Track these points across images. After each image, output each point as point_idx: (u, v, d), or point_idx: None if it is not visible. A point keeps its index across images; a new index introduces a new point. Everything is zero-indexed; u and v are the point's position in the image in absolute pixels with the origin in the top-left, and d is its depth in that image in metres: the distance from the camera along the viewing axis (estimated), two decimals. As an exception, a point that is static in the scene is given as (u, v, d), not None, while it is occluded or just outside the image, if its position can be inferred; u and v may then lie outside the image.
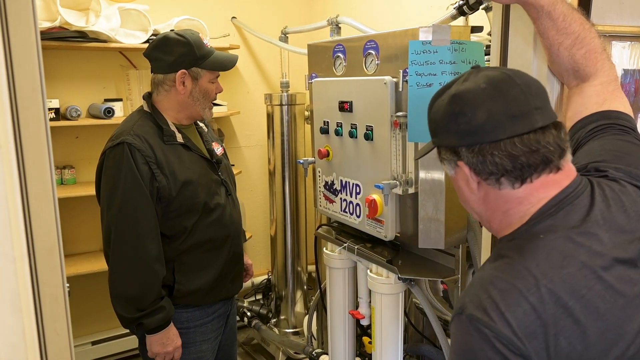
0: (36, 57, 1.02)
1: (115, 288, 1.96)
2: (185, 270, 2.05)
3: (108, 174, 1.96)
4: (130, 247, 1.92)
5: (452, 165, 1.12)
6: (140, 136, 1.95)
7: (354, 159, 2.01)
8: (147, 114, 2.06)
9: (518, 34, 1.43)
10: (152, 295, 1.94)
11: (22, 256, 0.97)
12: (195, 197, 2.02)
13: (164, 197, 1.96)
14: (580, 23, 1.26)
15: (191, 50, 2.01)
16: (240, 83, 3.92)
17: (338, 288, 2.29)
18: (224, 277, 2.15)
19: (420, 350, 2.36)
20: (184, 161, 2.03)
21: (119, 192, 1.91)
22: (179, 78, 2.01)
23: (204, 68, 2.04)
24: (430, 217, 1.81)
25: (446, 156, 1.12)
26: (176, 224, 2.01)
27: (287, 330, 3.62)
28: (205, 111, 2.10)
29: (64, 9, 2.90)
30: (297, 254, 3.60)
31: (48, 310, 1.03)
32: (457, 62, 1.68)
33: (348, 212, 2.10)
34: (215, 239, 2.10)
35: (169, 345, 2.01)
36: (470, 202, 1.16)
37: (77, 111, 3.14)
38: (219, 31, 3.67)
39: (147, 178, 1.92)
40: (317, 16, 3.84)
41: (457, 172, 1.13)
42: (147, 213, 1.93)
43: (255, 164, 4.05)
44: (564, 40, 1.26)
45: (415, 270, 1.93)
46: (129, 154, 1.91)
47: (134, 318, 1.94)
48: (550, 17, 1.25)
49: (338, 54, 2.09)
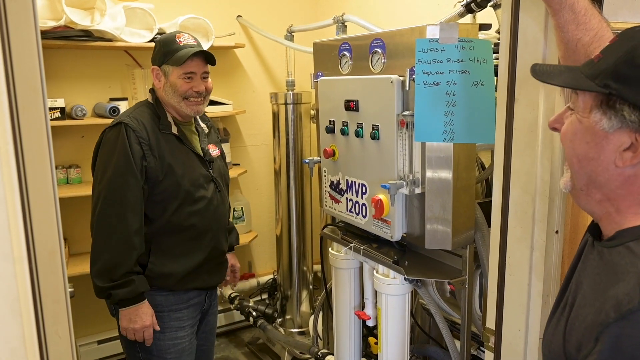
0: (36, 57, 1.01)
1: (94, 255, 2.07)
2: (160, 253, 2.15)
3: (104, 150, 2.10)
4: (114, 215, 2.04)
5: (624, 126, 0.91)
6: (137, 119, 2.10)
7: (360, 159, 1.99)
8: (149, 104, 2.21)
9: (527, 31, 1.40)
10: (125, 266, 2.03)
11: (22, 258, 0.96)
12: (179, 185, 2.12)
13: (150, 178, 2.08)
14: (599, 20, 1.22)
15: (159, 48, 2.17)
16: (246, 82, 3.91)
17: (344, 288, 2.27)
18: (199, 268, 2.22)
19: (426, 351, 2.34)
20: (174, 150, 2.15)
21: (111, 165, 2.04)
22: (153, 74, 2.19)
23: (168, 64, 2.14)
24: (437, 218, 1.79)
25: (629, 115, 0.90)
26: (159, 206, 2.12)
27: (292, 330, 3.60)
28: (181, 105, 2.17)
29: (69, 8, 2.90)
30: (303, 253, 3.59)
31: (49, 313, 1.03)
32: (464, 60, 1.65)
33: (354, 212, 2.08)
34: (195, 228, 2.19)
35: (137, 322, 2.08)
36: (602, 169, 0.95)
37: (83, 110, 3.14)
38: (225, 30, 3.65)
39: (138, 156, 2.05)
40: (323, 14, 3.82)
41: (619, 134, 0.92)
42: (133, 187, 2.04)
43: (261, 163, 4.03)
44: (582, 36, 1.22)
45: (421, 271, 1.91)
46: (124, 133, 2.04)
47: (105, 287, 2.03)
48: (573, 9, 1.21)
49: (344, 53, 2.07)
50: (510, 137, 1.47)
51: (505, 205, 1.52)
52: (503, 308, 1.56)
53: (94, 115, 3.32)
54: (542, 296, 1.46)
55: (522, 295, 1.50)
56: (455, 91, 1.67)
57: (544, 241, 1.44)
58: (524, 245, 1.48)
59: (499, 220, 1.55)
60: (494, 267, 1.58)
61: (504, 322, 1.56)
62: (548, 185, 1.41)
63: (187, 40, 2.17)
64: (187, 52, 2.12)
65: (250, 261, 4.09)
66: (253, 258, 4.11)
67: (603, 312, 0.89)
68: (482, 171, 2.08)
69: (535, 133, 1.40)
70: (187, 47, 2.14)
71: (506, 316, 1.56)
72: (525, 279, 1.49)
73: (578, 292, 1.03)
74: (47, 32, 2.90)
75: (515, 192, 1.49)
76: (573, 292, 1.05)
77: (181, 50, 2.13)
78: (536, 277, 1.47)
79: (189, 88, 2.15)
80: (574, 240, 1.44)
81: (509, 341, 1.55)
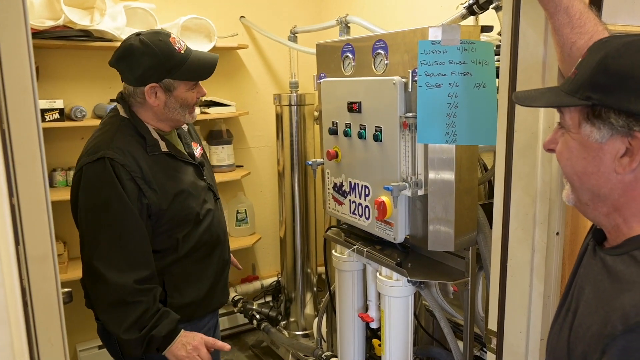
0: (27, 56, 0.96)
1: (114, 320, 1.77)
2: (176, 282, 1.91)
3: (88, 192, 1.77)
4: (123, 272, 1.74)
5: (615, 133, 0.92)
6: (122, 149, 1.77)
7: (362, 161, 1.99)
8: (125, 120, 1.87)
9: (528, 33, 1.40)
10: (152, 310, 1.78)
11: (10, 265, 0.92)
12: (187, 208, 1.89)
13: (154, 214, 1.80)
14: (594, 24, 1.23)
15: (159, 62, 1.80)
16: (249, 83, 3.91)
17: (347, 291, 2.27)
18: (214, 287, 2.02)
19: (430, 352, 2.34)
20: (171, 172, 1.88)
21: (102, 214, 1.74)
22: (148, 92, 1.83)
23: (178, 79, 1.84)
24: (439, 219, 1.79)
25: (616, 121, 0.91)
26: (167, 238, 1.87)
27: (297, 332, 3.60)
28: (185, 117, 1.91)
29: (67, 8, 2.86)
30: (307, 255, 3.58)
31: (42, 321, 0.98)
32: (466, 62, 1.65)
33: (357, 214, 2.08)
34: (206, 247, 1.97)
35: (191, 341, 1.81)
36: (604, 181, 0.96)
37: (82, 112, 3.08)
38: (228, 30, 3.65)
39: (135, 195, 1.75)
40: (327, 16, 3.83)
41: (612, 142, 0.93)
42: (137, 233, 1.76)
43: (264, 165, 4.03)
44: (577, 39, 1.23)
45: (424, 273, 1.91)
46: (111, 170, 1.72)
47: (141, 337, 1.75)
48: (568, 13, 1.22)
49: (347, 54, 2.07)
50: (511, 139, 1.47)
51: (507, 207, 1.52)
52: (505, 310, 1.56)
53: (94, 116, 3.26)
54: (543, 298, 1.46)
55: (523, 297, 1.50)
56: (457, 93, 1.67)
57: (545, 243, 1.44)
58: (525, 246, 1.48)
59: (500, 222, 1.55)
60: (496, 269, 1.58)
61: (505, 324, 1.56)
62: (549, 187, 1.41)
63: (182, 43, 1.87)
64: (203, 62, 1.87)
65: (254, 263, 4.08)
66: (257, 260, 4.11)
67: (609, 323, 0.88)
68: (484, 172, 2.08)
69: (536, 135, 1.40)
70: (190, 53, 1.87)
71: (508, 318, 1.56)
72: (526, 281, 1.49)
73: (581, 298, 1.03)
74: (45, 32, 2.86)
75: (516, 194, 1.49)
76: (576, 298, 1.05)
77: (188, 59, 1.84)
78: (537, 279, 1.47)
79: (199, 96, 1.93)
80: (574, 242, 1.44)
81: (510, 343, 1.55)
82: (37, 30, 2.84)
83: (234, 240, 3.72)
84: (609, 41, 0.96)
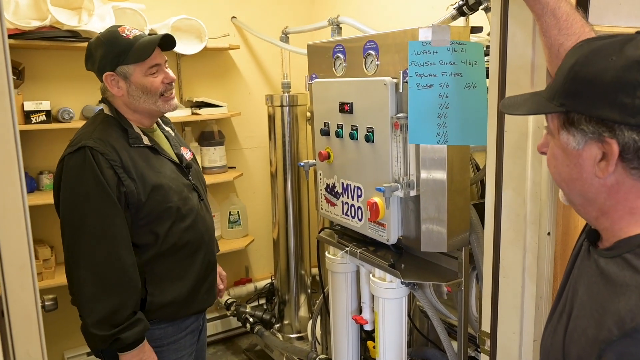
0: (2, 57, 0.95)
1: (87, 304, 1.78)
2: (157, 280, 1.90)
3: (68, 182, 1.80)
4: (103, 255, 1.77)
5: (589, 139, 0.92)
6: (102, 139, 1.81)
7: (355, 161, 1.99)
8: (109, 117, 1.92)
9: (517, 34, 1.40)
10: (130, 307, 1.79)
11: None
12: (167, 202, 1.88)
13: (132, 203, 1.81)
14: (581, 25, 1.23)
15: (107, 50, 1.85)
16: (241, 84, 3.89)
17: (341, 293, 2.26)
18: (198, 287, 2.00)
19: (424, 354, 2.33)
20: (152, 165, 1.89)
21: (82, 198, 1.77)
22: (109, 82, 1.88)
23: (128, 63, 1.85)
24: (432, 220, 1.79)
25: (587, 127, 0.92)
26: (146, 231, 1.87)
27: (291, 335, 3.58)
28: (158, 105, 1.91)
29: (54, 8, 2.82)
30: (301, 257, 3.57)
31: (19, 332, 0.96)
32: (457, 62, 1.65)
33: (350, 215, 2.07)
34: (189, 246, 1.96)
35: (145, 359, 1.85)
36: (588, 186, 0.97)
37: (70, 113, 3.04)
38: (219, 31, 3.63)
39: (113, 183, 1.77)
40: (318, 16, 3.81)
41: (588, 148, 0.93)
42: (116, 219, 1.78)
43: (257, 166, 4.02)
44: (564, 41, 1.23)
45: (418, 274, 1.90)
46: (91, 158, 1.76)
47: (109, 335, 1.76)
48: (555, 15, 1.23)
49: (338, 55, 2.06)
50: (502, 140, 1.47)
51: (498, 207, 1.52)
52: (497, 311, 1.56)
53: (82, 118, 3.19)
54: (536, 298, 1.46)
55: (515, 298, 1.50)
56: (448, 93, 1.67)
57: (537, 243, 1.43)
58: (516, 247, 1.48)
59: (491, 222, 1.55)
60: (488, 270, 1.58)
61: (498, 325, 1.56)
62: (539, 187, 1.41)
63: (133, 31, 1.89)
64: (147, 43, 1.86)
65: (247, 266, 4.07)
66: (250, 263, 4.09)
67: (605, 328, 0.88)
68: (476, 172, 2.08)
69: (526, 135, 1.40)
70: (140, 38, 1.87)
71: (500, 319, 1.55)
72: (518, 281, 1.48)
73: (575, 300, 1.02)
74: (32, 33, 2.83)
75: (507, 194, 1.49)
76: (570, 300, 1.05)
77: (136, 43, 1.85)
78: (529, 279, 1.47)
79: (160, 82, 1.90)
80: (566, 242, 1.44)
81: (504, 344, 1.55)
82: (23, 31, 2.81)
83: (227, 242, 3.71)
84: (582, 46, 0.96)
